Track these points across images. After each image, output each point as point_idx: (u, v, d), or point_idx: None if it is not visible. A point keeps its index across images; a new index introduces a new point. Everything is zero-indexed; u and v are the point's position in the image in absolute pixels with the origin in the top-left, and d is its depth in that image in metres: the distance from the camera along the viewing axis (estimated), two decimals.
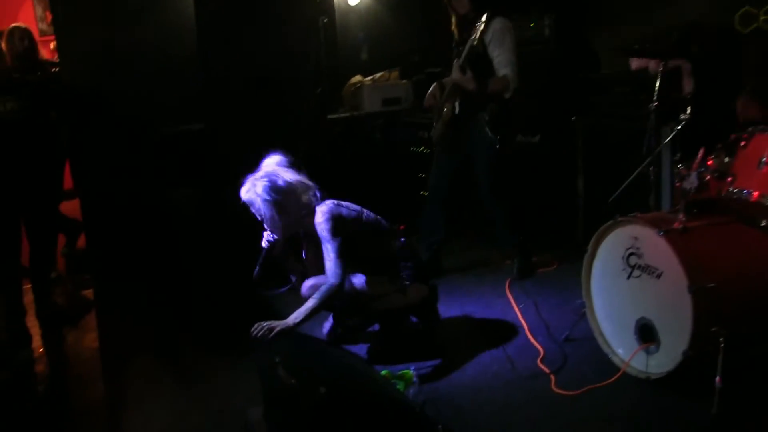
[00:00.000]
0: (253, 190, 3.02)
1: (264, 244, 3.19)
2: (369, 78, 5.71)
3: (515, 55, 4.01)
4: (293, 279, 3.39)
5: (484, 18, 3.73)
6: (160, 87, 4.54)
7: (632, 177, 3.62)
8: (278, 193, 3.04)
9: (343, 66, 5.81)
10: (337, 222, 3.09)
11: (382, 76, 5.72)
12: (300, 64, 4.87)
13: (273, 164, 3.14)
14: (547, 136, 4.93)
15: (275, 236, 3.14)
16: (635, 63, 3.88)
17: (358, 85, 5.62)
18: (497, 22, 3.95)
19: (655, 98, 3.40)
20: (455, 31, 4.18)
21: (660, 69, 3.42)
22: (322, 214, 3.10)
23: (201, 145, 4.62)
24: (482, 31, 3.76)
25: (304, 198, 3.13)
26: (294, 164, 3.19)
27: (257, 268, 3.20)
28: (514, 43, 4.02)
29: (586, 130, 4.61)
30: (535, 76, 4.86)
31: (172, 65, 4.57)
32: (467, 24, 4.03)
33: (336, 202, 3.20)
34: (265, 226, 3.14)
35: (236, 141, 4.56)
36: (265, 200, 3.02)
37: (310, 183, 3.18)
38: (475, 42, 3.82)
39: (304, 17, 4.92)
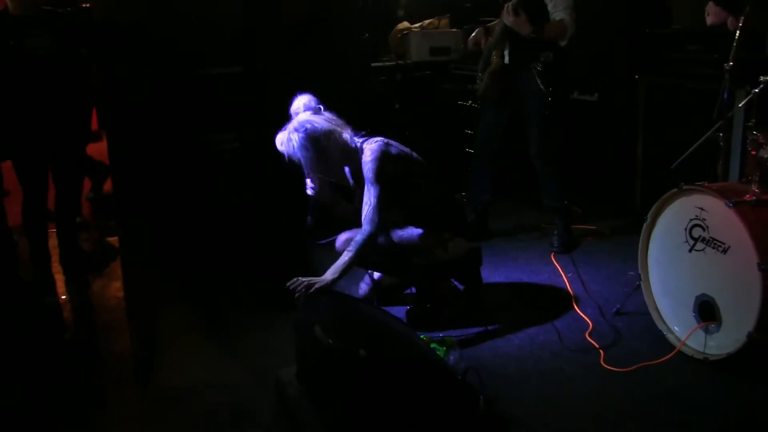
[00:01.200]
0: (290, 144, 3.01)
1: (309, 191, 3.19)
2: (417, 25, 5.70)
3: (573, 1, 3.96)
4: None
5: None
6: (197, 25, 4.57)
7: (699, 142, 3.55)
8: (317, 141, 3.03)
9: (390, 11, 5.83)
10: (384, 162, 3.06)
11: (431, 23, 5.69)
12: (346, 5, 4.91)
13: (302, 109, 3.12)
14: (607, 94, 4.90)
15: (319, 181, 3.14)
16: (711, 17, 3.75)
17: (405, 32, 5.61)
18: None
19: (731, 56, 3.28)
20: None
21: (739, 25, 3.30)
22: (371, 152, 3.07)
23: (240, 89, 4.65)
24: None
25: (344, 137, 3.12)
26: (322, 105, 3.18)
27: (309, 217, 3.22)
28: None
29: (650, 90, 4.57)
30: (597, 28, 4.84)
31: (211, 1, 4.60)
32: None
33: (385, 140, 3.18)
34: (308, 175, 3.16)
35: (278, 86, 4.58)
36: (305, 152, 3.02)
37: (344, 122, 3.19)
38: None
39: None
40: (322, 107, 3.13)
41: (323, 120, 3.08)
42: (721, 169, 3.43)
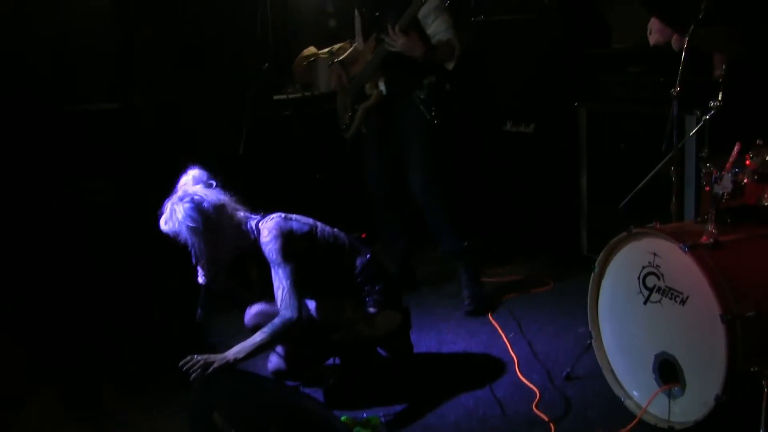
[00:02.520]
0: (174, 217, 2.95)
1: (201, 280, 3.15)
2: (325, 50, 5.64)
3: (454, 18, 4.05)
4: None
5: None
6: (65, 53, 4.57)
7: (649, 177, 3.61)
8: (206, 214, 2.98)
9: (295, 34, 5.81)
10: (287, 240, 3.07)
11: (341, 47, 5.56)
12: (241, 32, 4.86)
13: (191, 182, 3.09)
14: (544, 124, 4.95)
15: (212, 268, 3.11)
16: (655, 36, 3.82)
17: (312, 58, 5.58)
18: None
19: (678, 80, 3.33)
20: None
21: (684, 44, 3.36)
22: (268, 231, 3.07)
23: (117, 128, 4.65)
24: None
25: (239, 216, 3.11)
26: (216, 179, 3.16)
27: (199, 310, 3.17)
28: (451, 12, 4.05)
29: (591, 118, 4.64)
30: (530, 52, 4.95)
31: (81, 26, 4.62)
32: None
33: (283, 215, 3.18)
34: (198, 259, 3.08)
35: (161, 124, 4.60)
36: (191, 227, 2.95)
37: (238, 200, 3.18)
38: (420, 3, 3.80)
39: None
40: (214, 182, 3.11)
41: (214, 194, 3.06)
42: (674, 207, 3.45)
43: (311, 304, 3.21)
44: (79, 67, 4.61)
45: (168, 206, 2.98)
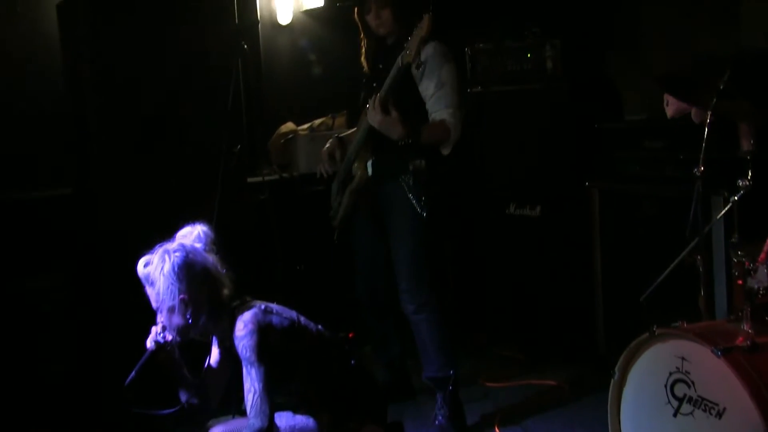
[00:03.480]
0: (159, 265, 2.89)
1: (150, 344, 3.07)
2: (305, 126, 5.66)
3: (459, 94, 3.98)
4: (184, 399, 3.21)
5: (417, 39, 3.58)
6: (7, 131, 4.62)
7: (671, 267, 3.56)
8: (193, 276, 2.92)
9: (271, 109, 5.80)
10: (264, 336, 2.97)
11: (322, 123, 5.65)
12: (211, 106, 4.79)
13: (192, 238, 3.06)
14: (552, 207, 4.92)
15: (170, 336, 3.03)
16: (672, 108, 3.79)
17: (290, 135, 5.57)
18: (432, 47, 3.88)
19: (701, 157, 3.27)
20: (365, 63, 4.20)
21: (708, 117, 3.30)
22: (244, 324, 2.97)
23: (69, 217, 4.63)
24: (410, 56, 3.63)
25: (224, 292, 3.04)
26: (216, 246, 3.13)
27: (132, 373, 3.03)
28: (456, 77, 3.99)
29: (604, 199, 4.63)
30: (534, 126, 4.95)
31: (27, 99, 4.69)
32: (387, 51, 4.00)
33: (263, 306, 3.08)
34: (159, 318, 3.03)
35: (118, 213, 4.53)
36: (172, 282, 2.89)
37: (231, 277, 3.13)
38: (401, 64, 3.69)
39: (217, 42, 4.84)
40: (216, 248, 3.08)
41: (211, 261, 3.02)
42: (703, 302, 3.38)
43: (289, 419, 3.12)
44: (25, 147, 4.65)
45: (159, 251, 2.93)
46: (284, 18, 5.91)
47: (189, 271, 2.92)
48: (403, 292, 4.05)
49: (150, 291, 2.96)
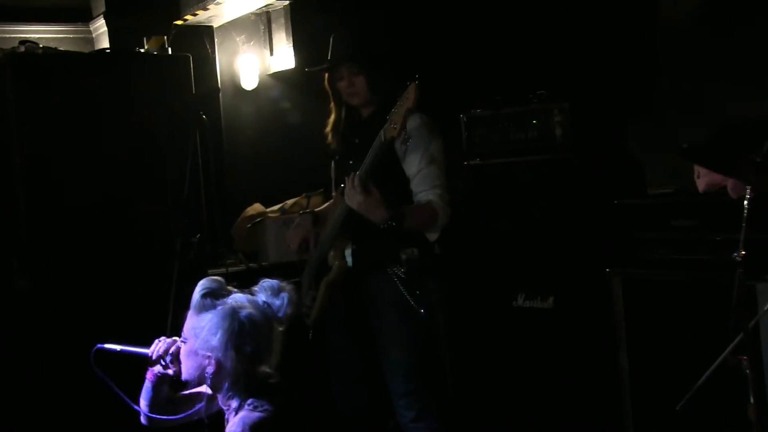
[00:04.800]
0: (218, 314, 2.98)
1: (152, 353, 3.20)
2: (275, 207, 5.70)
3: (444, 172, 4.00)
4: (142, 408, 3.31)
5: (402, 111, 3.58)
6: None
7: (712, 369, 3.43)
8: (241, 350, 2.97)
9: (234, 189, 5.87)
10: None
11: (295, 204, 5.66)
12: (163, 189, 4.86)
13: (274, 301, 3.10)
14: (567, 297, 4.86)
15: (172, 371, 3.18)
16: (704, 181, 3.69)
17: (258, 219, 5.60)
18: (417, 119, 3.91)
19: (741, 239, 3.17)
20: (330, 135, 4.24)
21: (747, 192, 3.22)
22: (242, 425, 2.95)
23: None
24: (394, 130, 3.64)
25: (259, 370, 3.06)
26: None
27: (117, 347, 3.22)
28: (444, 154, 4.02)
29: (628, 288, 4.55)
30: (542, 204, 4.92)
31: None
32: (363, 124, 4.06)
33: (272, 409, 3.03)
34: (175, 344, 3.15)
35: (56, 315, 4.57)
36: (216, 340, 2.95)
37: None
38: (384, 139, 3.70)
39: (171, 113, 4.93)
40: (279, 318, 3.09)
41: (274, 337, 3.08)
42: (753, 412, 3.25)
43: None
44: None
45: (232, 298, 3.01)
46: (249, 83, 6.06)
47: (242, 342, 2.96)
48: (400, 398, 4.01)
49: (190, 316, 3.03)
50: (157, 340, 3.21)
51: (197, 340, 3.02)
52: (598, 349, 4.68)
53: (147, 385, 3.29)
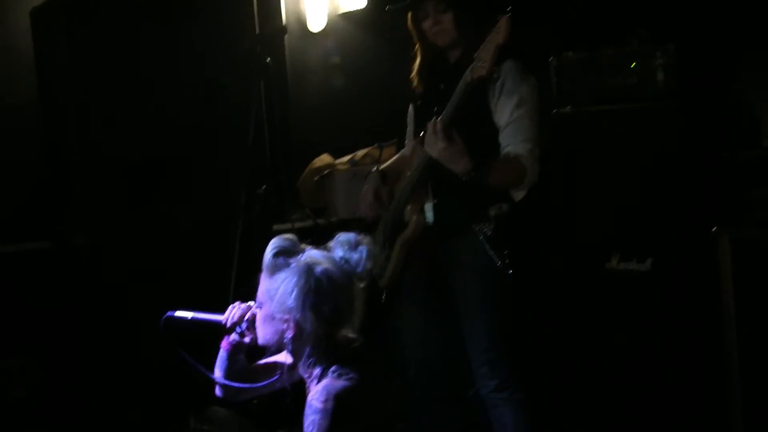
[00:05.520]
0: (294, 273, 2.96)
1: (226, 320, 3.24)
2: (345, 159, 5.70)
3: (537, 126, 3.95)
4: (217, 377, 3.37)
5: (492, 47, 3.53)
6: None
7: None
8: (320, 311, 2.96)
9: (301, 140, 5.85)
10: (340, 421, 2.92)
11: (366, 155, 5.68)
12: (225, 140, 4.89)
13: (351, 255, 3.09)
14: (667, 259, 4.77)
15: (248, 338, 3.22)
16: None
17: (326, 171, 5.62)
18: (507, 64, 3.91)
19: None
20: (416, 79, 4.20)
21: None
22: (326, 393, 2.95)
23: (45, 278, 4.72)
24: (482, 68, 3.59)
25: (341, 334, 3.08)
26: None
27: (189, 315, 3.26)
28: (537, 105, 3.98)
29: (738, 250, 4.40)
30: (641, 156, 4.85)
31: None
32: (450, 68, 4.00)
33: (356, 377, 3.02)
34: (251, 309, 3.19)
35: (111, 273, 4.61)
36: (294, 301, 2.94)
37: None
38: (471, 79, 3.65)
39: (233, 58, 4.90)
40: (358, 274, 3.09)
41: (354, 295, 3.11)
42: None
43: None
44: None
45: (306, 256, 3.00)
46: (316, 24, 5.99)
47: (321, 301, 2.95)
48: (481, 366, 4.02)
49: (263, 278, 3.03)
50: (231, 307, 3.23)
51: (273, 302, 3.01)
52: (701, 318, 4.61)
53: (222, 355, 3.34)
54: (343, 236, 3.11)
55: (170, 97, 4.76)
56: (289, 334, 3.00)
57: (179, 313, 3.28)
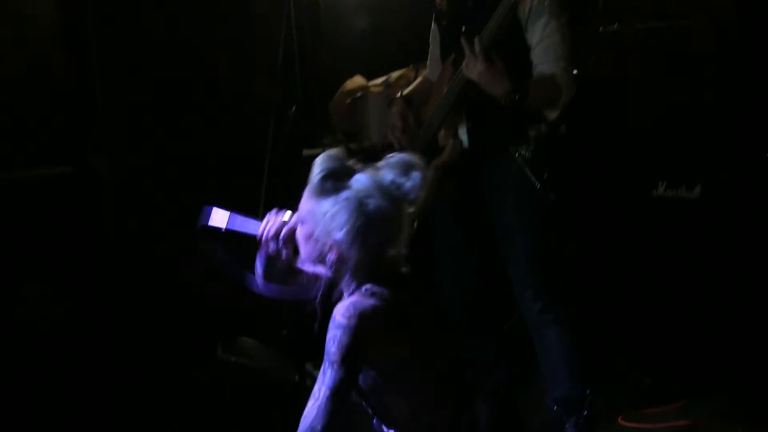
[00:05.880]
0: (342, 201, 2.91)
1: (259, 258, 3.24)
2: (379, 81, 5.69)
3: (571, 43, 3.95)
4: (257, 270, 3.33)
5: None
6: None
7: None
8: (366, 241, 2.92)
9: (332, 60, 5.92)
10: (360, 337, 2.92)
11: (401, 76, 5.63)
12: (252, 59, 4.93)
13: (402, 178, 3.03)
14: (718, 187, 4.72)
15: (285, 254, 3.21)
16: None
17: (359, 94, 5.63)
18: None
19: None
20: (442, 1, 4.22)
21: None
22: (346, 311, 2.95)
23: (65, 204, 4.75)
24: None
25: (385, 257, 3.03)
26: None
27: (224, 225, 3.25)
28: (569, 21, 3.96)
29: None
30: (693, 77, 4.77)
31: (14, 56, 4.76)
32: None
33: (385, 293, 3.00)
34: (289, 224, 3.17)
35: (133, 199, 4.71)
36: (339, 229, 2.90)
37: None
38: (513, 2, 3.72)
39: None
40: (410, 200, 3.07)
41: (401, 223, 3.04)
42: None
43: None
44: (10, 114, 4.72)
45: (356, 181, 2.93)
46: None
47: (369, 236, 2.93)
48: (525, 289, 4.06)
49: (307, 196, 2.97)
50: (267, 218, 3.21)
51: (317, 226, 2.97)
52: (754, 250, 4.57)
53: (257, 262, 3.34)
54: (395, 157, 3.05)
55: (199, 16, 4.76)
56: (331, 257, 2.97)
57: (215, 216, 3.25)
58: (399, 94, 4.40)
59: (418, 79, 4.53)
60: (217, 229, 3.26)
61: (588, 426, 4.05)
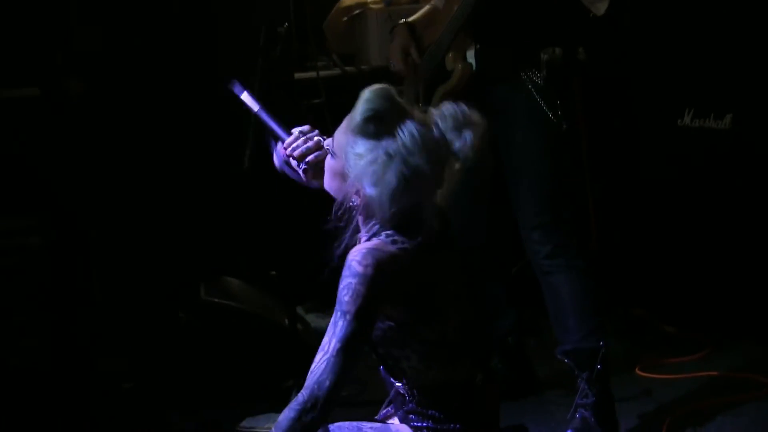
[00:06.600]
0: (379, 155, 2.82)
1: (277, 162, 3.27)
2: None
3: None
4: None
5: None
6: None
7: None
8: (415, 192, 2.86)
9: None
10: (374, 285, 2.84)
11: None
12: None
13: (453, 124, 2.96)
14: (749, 116, 4.70)
15: (305, 178, 3.21)
16: None
17: (357, 11, 5.59)
18: None
19: None
20: None
21: None
22: (360, 256, 2.89)
23: (38, 129, 4.70)
24: None
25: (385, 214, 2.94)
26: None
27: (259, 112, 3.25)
28: None
29: None
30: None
31: None
32: None
33: (395, 237, 2.95)
34: (302, 151, 3.15)
35: (112, 123, 4.66)
36: (389, 183, 2.83)
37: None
38: None
39: None
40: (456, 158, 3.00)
41: (436, 178, 2.97)
42: None
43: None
44: None
45: (397, 138, 2.83)
46: None
47: (403, 195, 2.84)
48: (532, 230, 4.02)
49: (344, 128, 2.90)
50: (297, 132, 3.18)
51: (348, 166, 2.89)
52: None
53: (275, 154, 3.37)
54: (450, 109, 2.93)
55: None
56: (356, 200, 2.91)
57: (247, 98, 3.25)
58: (404, 20, 4.34)
59: (426, 7, 4.42)
60: (246, 106, 3.24)
61: (602, 381, 4.01)
